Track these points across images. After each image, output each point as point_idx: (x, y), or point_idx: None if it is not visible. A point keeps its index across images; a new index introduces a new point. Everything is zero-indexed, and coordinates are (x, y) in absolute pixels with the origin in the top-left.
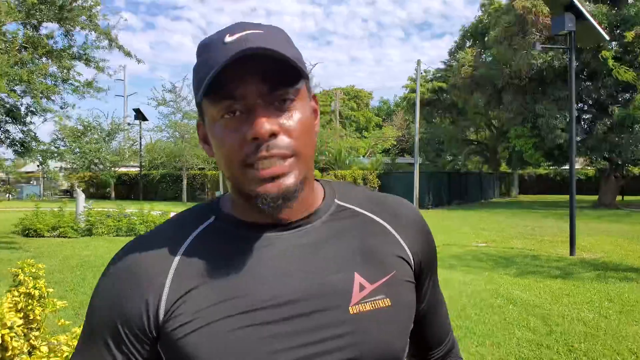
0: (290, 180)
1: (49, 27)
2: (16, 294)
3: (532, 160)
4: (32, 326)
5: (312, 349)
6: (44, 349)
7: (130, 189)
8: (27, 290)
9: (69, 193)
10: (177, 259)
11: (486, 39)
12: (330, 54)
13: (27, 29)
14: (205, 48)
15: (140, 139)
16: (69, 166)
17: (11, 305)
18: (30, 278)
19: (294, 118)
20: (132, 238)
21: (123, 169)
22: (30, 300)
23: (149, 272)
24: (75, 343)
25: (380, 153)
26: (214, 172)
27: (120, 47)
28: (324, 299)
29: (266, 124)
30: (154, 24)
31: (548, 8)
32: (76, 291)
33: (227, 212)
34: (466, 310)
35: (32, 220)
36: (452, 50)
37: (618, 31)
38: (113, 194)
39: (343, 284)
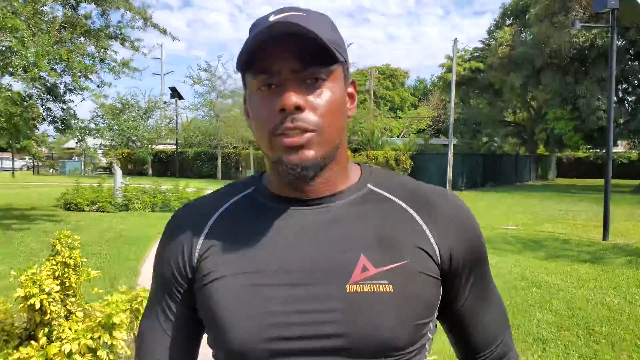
0: (309, 153)
1: (87, 7)
2: (54, 262)
3: (571, 142)
4: (69, 293)
5: (304, 317)
6: (79, 314)
7: (166, 166)
8: (64, 260)
9: (108, 169)
10: (212, 219)
11: (527, 17)
12: (367, 32)
13: (65, 9)
14: (253, 26)
15: (177, 117)
16: (107, 143)
17: (49, 273)
18: (67, 248)
19: (322, 97)
20: (167, 214)
21: (160, 147)
22: (66, 269)
23: (190, 228)
24: (109, 310)
25: (414, 133)
26: (247, 150)
27: (155, 26)
28: (325, 274)
29: (293, 97)
30: (190, 2)
31: None
32: (112, 262)
33: (264, 185)
34: None
35: (73, 195)
36: (491, 28)
37: None
38: (150, 171)
39: (347, 262)
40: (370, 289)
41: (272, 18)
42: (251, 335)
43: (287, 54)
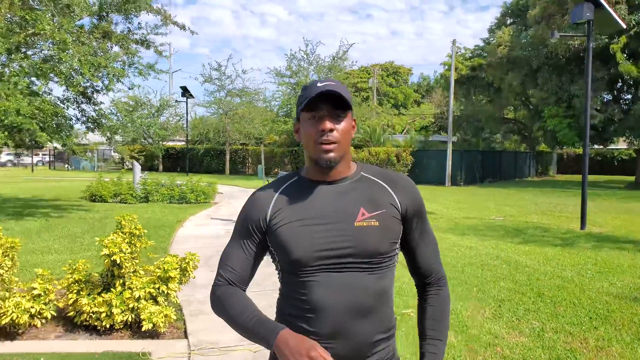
0: (334, 154)
1: (112, 15)
2: (122, 234)
3: (566, 140)
4: (134, 256)
5: (332, 239)
6: (141, 272)
7: (176, 161)
8: (131, 230)
9: (122, 165)
10: (276, 195)
11: (528, 16)
12: (370, 27)
13: (99, 21)
14: (307, 86)
15: (187, 115)
16: (122, 139)
17: (123, 240)
18: (130, 223)
19: (341, 125)
20: (184, 205)
21: (170, 143)
22: (132, 238)
23: (263, 199)
24: (166, 266)
25: (417, 130)
26: (255, 147)
27: (174, 23)
28: (342, 217)
29: (328, 124)
30: None
31: None
32: (154, 242)
33: (303, 175)
34: (464, 268)
35: (97, 187)
36: (492, 27)
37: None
38: (161, 167)
39: (353, 211)
40: (367, 224)
41: (319, 84)
42: (307, 250)
43: (325, 104)
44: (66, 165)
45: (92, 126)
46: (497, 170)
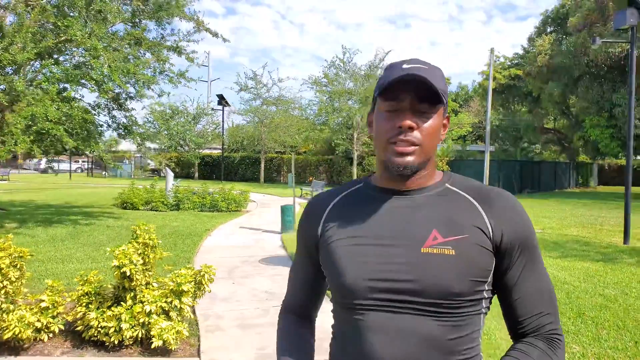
0: (412, 158)
1: (144, 22)
2: (135, 244)
3: (607, 150)
4: (147, 267)
5: (391, 267)
6: (155, 284)
7: (212, 169)
8: (145, 241)
9: (157, 172)
10: (332, 202)
11: (568, 24)
12: (408, 37)
13: (127, 27)
14: (390, 66)
15: (223, 123)
16: (157, 147)
17: (134, 251)
18: (145, 233)
19: (427, 124)
20: (215, 214)
21: (206, 151)
22: (146, 248)
23: (317, 210)
24: (179, 280)
25: (454, 140)
26: (289, 156)
27: (207, 30)
28: (408, 239)
29: (408, 121)
30: (234, 9)
31: (612, 3)
32: (170, 253)
33: (370, 181)
34: None
35: (129, 194)
36: (532, 35)
37: None
38: (197, 174)
39: (423, 233)
40: (439, 251)
41: (405, 66)
42: (357, 276)
43: (409, 93)
44: (104, 172)
45: (122, 133)
46: (535, 181)
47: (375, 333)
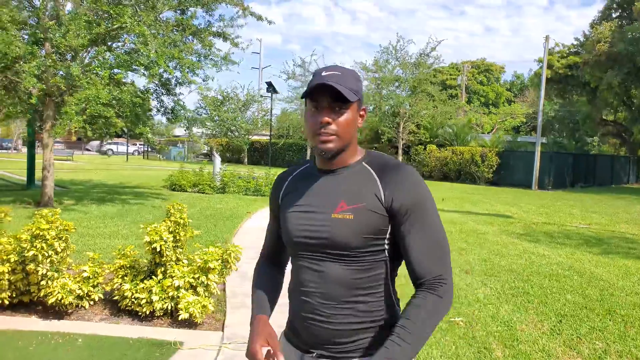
0: (331, 145)
1: (192, 9)
2: (168, 222)
3: None
4: (178, 244)
5: (313, 227)
6: (185, 261)
7: (261, 155)
8: (176, 219)
9: (208, 156)
10: (290, 178)
11: (633, 9)
12: (462, 24)
13: (176, 14)
14: (314, 74)
15: (271, 110)
16: (209, 132)
17: (166, 228)
18: (178, 212)
19: (342, 118)
20: (257, 198)
21: (255, 137)
22: (177, 227)
23: (280, 182)
24: (206, 257)
25: (506, 130)
26: None
27: (252, 13)
28: (324, 208)
29: (326, 117)
30: None
31: None
32: (209, 234)
33: (313, 163)
34: (530, 277)
35: (178, 177)
36: (595, 21)
37: None
38: (246, 159)
39: (334, 202)
40: (342, 217)
41: (323, 73)
42: (294, 235)
43: (325, 95)
44: (159, 156)
45: (170, 116)
46: (590, 175)
47: (305, 273)
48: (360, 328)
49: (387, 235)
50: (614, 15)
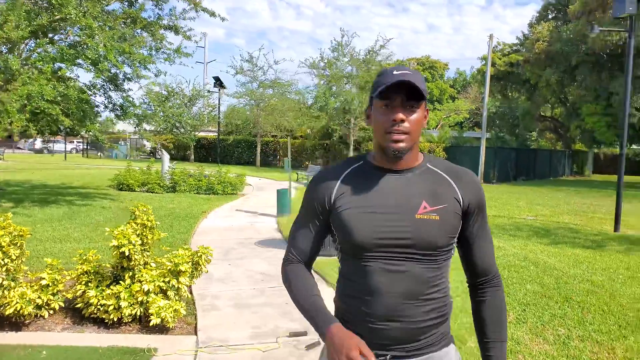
0: (404, 144)
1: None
2: (134, 225)
3: (603, 139)
4: (145, 247)
5: (393, 229)
6: (153, 264)
7: (208, 152)
8: (143, 222)
9: (152, 154)
10: (341, 177)
11: (568, 11)
12: (406, 21)
13: (123, 5)
14: (383, 73)
15: (219, 106)
16: (152, 128)
17: (133, 231)
18: (144, 214)
19: (413, 116)
20: (211, 196)
21: (202, 133)
22: (144, 229)
23: (329, 180)
24: (176, 260)
25: (451, 126)
26: (285, 139)
27: (204, 10)
28: (404, 209)
29: (400, 115)
30: None
31: None
32: (167, 234)
33: (369, 160)
34: None
35: (125, 176)
36: (533, 21)
37: None
38: (192, 156)
39: (416, 203)
40: (428, 217)
41: (395, 72)
42: (366, 236)
43: (401, 94)
44: (99, 153)
45: (118, 113)
46: (531, 169)
47: (379, 275)
48: (434, 323)
49: (457, 235)
50: (550, 17)
